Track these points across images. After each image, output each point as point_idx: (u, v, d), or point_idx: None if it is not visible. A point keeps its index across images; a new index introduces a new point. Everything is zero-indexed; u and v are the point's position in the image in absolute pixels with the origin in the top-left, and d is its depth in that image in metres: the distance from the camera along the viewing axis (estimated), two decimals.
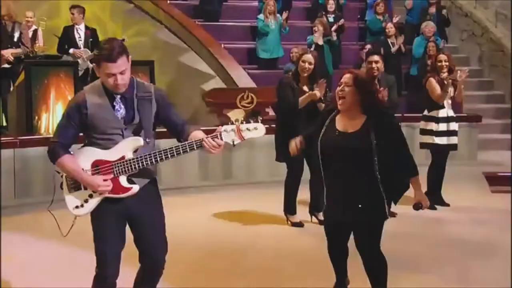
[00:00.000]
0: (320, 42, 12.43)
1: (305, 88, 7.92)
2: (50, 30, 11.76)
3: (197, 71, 12.26)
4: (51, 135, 9.44)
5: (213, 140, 4.04)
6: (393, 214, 8.38)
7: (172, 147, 4.11)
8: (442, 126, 8.70)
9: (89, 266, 5.88)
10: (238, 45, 13.99)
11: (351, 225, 5.25)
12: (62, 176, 4.25)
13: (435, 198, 8.94)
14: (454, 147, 8.94)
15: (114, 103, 4.15)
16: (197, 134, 4.21)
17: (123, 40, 10.65)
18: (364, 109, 5.05)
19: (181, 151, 4.13)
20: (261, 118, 4.14)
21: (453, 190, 9.39)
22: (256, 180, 9.54)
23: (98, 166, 4.16)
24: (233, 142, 4.08)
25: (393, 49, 12.80)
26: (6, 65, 10.50)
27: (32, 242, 7.60)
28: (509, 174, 10.55)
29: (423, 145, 9.00)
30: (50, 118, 10.19)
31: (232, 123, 4.06)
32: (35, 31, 11.16)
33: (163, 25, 13.48)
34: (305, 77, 7.92)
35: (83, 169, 4.13)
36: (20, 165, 9.29)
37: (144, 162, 4.12)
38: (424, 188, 8.88)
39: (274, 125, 8.24)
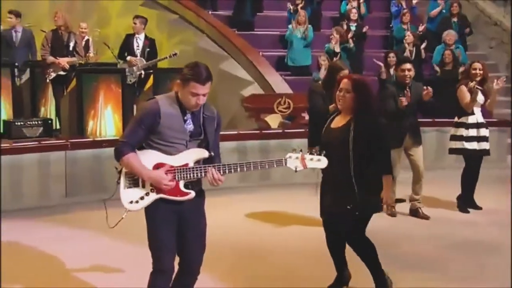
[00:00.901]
0: (337, 49, 12.33)
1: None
2: (100, 38, 11.70)
3: (236, 77, 12.18)
4: (100, 138, 9.84)
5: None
6: (426, 217, 8.31)
7: (237, 164, 4.31)
8: (472, 132, 8.42)
9: (136, 262, 5.96)
10: (269, 53, 13.81)
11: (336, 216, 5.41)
12: (119, 173, 4.29)
13: (468, 201, 8.77)
14: (485, 152, 8.61)
15: (185, 117, 4.23)
16: None
17: (176, 54, 10.94)
18: (355, 108, 5.25)
19: (245, 168, 4.31)
20: (324, 153, 4.39)
21: (485, 194, 9.01)
22: (291, 182, 9.31)
23: (159, 168, 4.20)
24: (296, 168, 4.33)
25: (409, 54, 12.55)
26: (61, 72, 10.56)
27: (82, 238, 7.48)
28: None
29: (452, 151, 8.74)
30: (99, 122, 10.12)
31: (297, 152, 4.35)
32: (87, 41, 11.13)
33: (205, 34, 13.45)
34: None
35: None
36: (71, 166, 9.20)
37: (203, 173, 4.23)
38: (458, 191, 8.84)
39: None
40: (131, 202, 4.22)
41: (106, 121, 10.12)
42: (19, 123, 9.98)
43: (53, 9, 11.50)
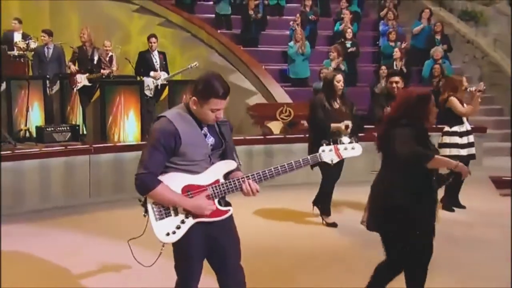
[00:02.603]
0: (334, 66, 11.86)
1: (336, 104, 7.39)
2: (122, 54, 11.38)
3: (242, 88, 11.82)
4: (121, 142, 9.46)
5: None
6: None
7: (271, 169, 3.56)
8: (464, 139, 8.13)
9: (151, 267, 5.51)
10: (272, 67, 13.43)
11: None
12: (143, 205, 3.52)
13: (453, 201, 8.46)
14: (473, 156, 8.33)
15: (203, 131, 3.52)
16: (238, 173, 3.65)
17: (196, 64, 10.65)
18: None
19: (281, 172, 3.55)
20: (356, 139, 3.69)
21: (467, 194, 8.65)
22: (294, 183, 8.91)
23: (189, 191, 3.46)
24: (331, 161, 3.63)
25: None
26: (87, 83, 10.31)
27: (104, 236, 7.01)
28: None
29: (448, 158, 8.22)
30: (120, 129, 9.80)
31: (329, 144, 3.63)
32: (111, 57, 10.81)
33: (214, 50, 13.16)
34: (338, 95, 7.41)
35: None
36: (94, 168, 8.89)
37: (238, 185, 3.53)
38: (442, 192, 8.45)
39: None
40: (168, 234, 3.43)
41: (126, 127, 9.80)
42: (50, 129, 9.67)
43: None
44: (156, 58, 10.61)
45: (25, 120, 9.89)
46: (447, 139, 8.22)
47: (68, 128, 9.84)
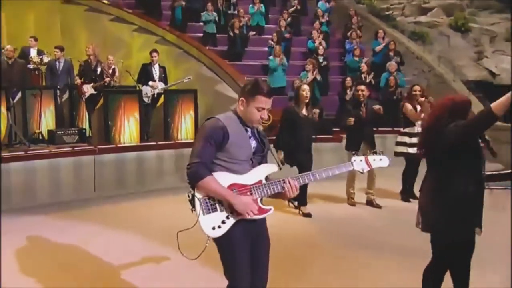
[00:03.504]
0: (311, 77, 11.61)
1: (304, 111, 7.23)
2: (123, 67, 11.01)
3: (228, 96, 11.46)
4: (122, 144, 9.13)
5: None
6: (378, 206, 7.75)
7: (309, 173, 3.29)
8: (414, 140, 7.84)
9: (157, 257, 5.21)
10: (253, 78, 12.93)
11: None
12: (191, 201, 3.14)
13: (409, 193, 8.23)
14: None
15: (248, 134, 3.22)
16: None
17: (190, 78, 10.40)
18: None
19: (318, 176, 3.27)
20: (381, 151, 3.51)
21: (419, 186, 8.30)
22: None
23: (234, 189, 3.12)
24: (362, 170, 3.41)
25: (368, 80, 11.96)
26: (93, 92, 9.98)
27: (108, 230, 6.68)
28: None
29: (397, 154, 8.05)
30: (121, 132, 9.45)
31: (360, 155, 3.44)
32: (114, 69, 10.51)
33: (203, 63, 12.82)
34: (305, 103, 7.23)
35: None
36: (99, 167, 8.58)
37: (280, 187, 3.19)
38: (399, 185, 8.29)
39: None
40: (214, 228, 3.08)
41: (127, 131, 9.47)
42: (60, 132, 9.34)
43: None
44: (156, 71, 10.28)
45: (38, 124, 9.56)
46: (399, 138, 8.10)
47: (76, 131, 9.50)
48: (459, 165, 3.61)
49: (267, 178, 3.25)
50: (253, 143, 3.22)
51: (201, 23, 13.89)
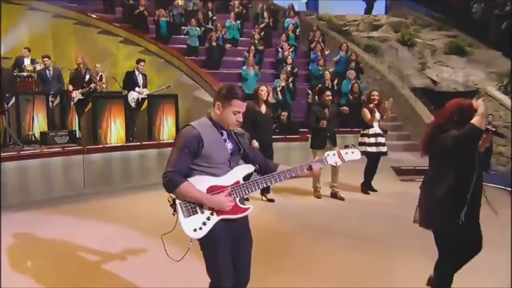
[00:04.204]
0: (284, 84, 11.50)
1: (262, 109, 7.16)
2: (110, 74, 10.64)
3: (205, 101, 11.09)
4: (109, 144, 8.68)
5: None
6: (342, 198, 7.59)
7: (285, 171, 3.00)
8: (372, 139, 7.76)
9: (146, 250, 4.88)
10: None
11: None
12: (172, 205, 2.90)
13: (368, 186, 8.13)
14: (383, 153, 7.95)
15: (223, 137, 2.95)
16: (284, 166, 3.10)
17: (169, 86, 10.11)
18: None
19: (288, 176, 2.99)
20: (353, 144, 3.25)
21: (376, 180, 8.31)
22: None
23: (213, 192, 2.87)
24: (336, 163, 3.13)
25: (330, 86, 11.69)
26: (81, 97, 9.57)
27: (96, 226, 6.30)
28: (408, 167, 9.89)
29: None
30: (108, 133, 9.01)
31: (333, 150, 3.22)
32: (101, 76, 10.12)
33: (183, 72, 12.46)
34: (262, 101, 7.18)
35: None
36: (87, 165, 8.14)
37: (257, 186, 2.95)
38: (361, 180, 8.13)
39: None
40: (195, 230, 2.82)
41: (113, 132, 9.05)
42: (52, 134, 8.83)
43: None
44: (140, 78, 9.87)
45: (31, 126, 9.10)
46: (360, 139, 7.94)
47: (66, 133, 9.00)
48: (452, 165, 3.38)
49: (246, 177, 2.99)
50: (230, 145, 2.95)
51: (183, 36, 13.59)
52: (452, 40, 15.99)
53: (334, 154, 3.11)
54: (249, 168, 3.02)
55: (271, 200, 7.28)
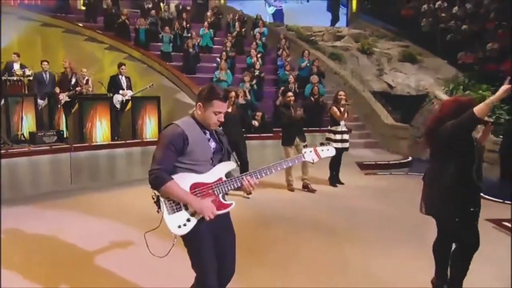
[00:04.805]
0: (248, 86, 11.26)
1: (229, 109, 6.86)
2: (96, 79, 10.13)
3: (185, 103, 10.79)
4: (95, 143, 8.18)
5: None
6: (313, 190, 7.37)
7: (266, 168, 2.79)
8: (338, 136, 7.59)
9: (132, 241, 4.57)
10: None
11: None
12: (156, 202, 2.65)
13: (335, 180, 7.97)
14: (346, 149, 7.80)
15: (207, 136, 2.72)
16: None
17: (152, 85, 9.63)
18: None
19: (268, 172, 2.79)
20: (328, 142, 3.28)
21: (342, 174, 8.18)
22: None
23: (197, 188, 2.64)
24: (313, 160, 2.95)
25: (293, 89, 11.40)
26: (67, 99, 9.10)
27: (83, 219, 5.94)
28: (371, 162, 9.80)
29: None
30: (93, 132, 8.51)
31: (310, 147, 2.99)
32: (87, 80, 9.59)
33: (164, 76, 12.05)
34: (231, 102, 7.04)
35: None
36: (74, 162, 7.70)
37: (239, 182, 2.74)
38: (327, 173, 7.95)
39: None
40: (179, 226, 2.60)
41: (99, 132, 8.57)
42: (40, 133, 8.31)
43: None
44: (123, 81, 9.47)
45: (20, 126, 8.54)
46: (327, 135, 7.79)
47: (54, 132, 8.48)
48: (454, 157, 3.21)
49: (228, 174, 2.77)
50: (213, 144, 2.74)
51: (161, 43, 13.16)
52: (405, 50, 16.04)
53: (311, 151, 2.95)
54: (231, 165, 2.80)
55: (249, 194, 6.92)
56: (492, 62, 13.64)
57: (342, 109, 7.56)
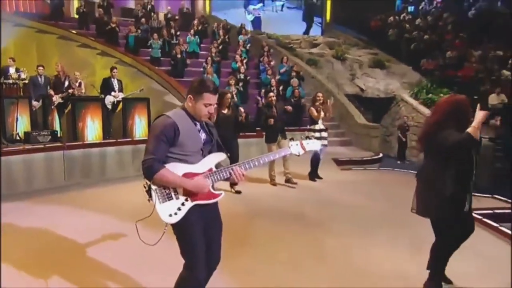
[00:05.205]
0: (234, 89, 11.07)
1: (225, 111, 6.54)
2: (88, 82, 9.87)
3: (174, 104, 10.43)
4: (88, 141, 7.85)
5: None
6: (294, 184, 7.21)
7: (254, 159, 2.61)
8: (317, 134, 7.40)
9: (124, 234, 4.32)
10: None
11: None
12: (147, 191, 2.46)
13: (314, 175, 7.82)
14: (325, 146, 7.62)
15: (197, 127, 2.54)
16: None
17: (142, 89, 9.34)
18: None
19: (256, 163, 2.61)
20: (312, 135, 3.08)
21: (321, 169, 8.02)
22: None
23: (188, 178, 2.46)
24: (298, 153, 2.78)
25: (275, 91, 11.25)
26: (60, 101, 8.68)
27: (76, 213, 5.64)
28: (346, 159, 9.70)
29: None
30: (85, 132, 8.17)
31: (296, 140, 2.83)
32: (80, 83, 9.22)
33: (154, 79, 11.75)
34: (226, 105, 6.53)
35: None
36: (67, 160, 7.34)
37: (228, 173, 2.54)
38: (308, 169, 7.80)
39: None
40: (170, 215, 2.42)
41: (90, 131, 8.23)
42: (35, 133, 7.97)
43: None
44: (115, 83, 9.16)
45: (15, 127, 8.16)
46: (306, 133, 7.55)
47: (48, 132, 8.16)
48: (451, 160, 3.02)
49: (217, 165, 2.59)
50: (203, 135, 2.55)
51: (150, 49, 12.85)
52: (374, 57, 16.06)
53: (297, 145, 2.79)
54: (221, 156, 2.62)
55: (239, 192, 6.62)
56: (451, 69, 14.05)
57: (319, 109, 7.43)
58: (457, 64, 14.03)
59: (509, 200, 6.09)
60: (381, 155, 10.53)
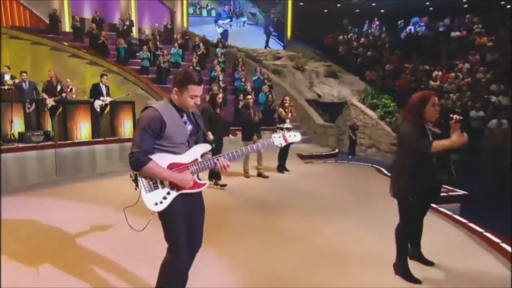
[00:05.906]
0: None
1: (217, 110, 6.14)
2: (79, 88, 9.35)
3: None
4: (78, 140, 7.40)
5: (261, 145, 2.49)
6: (266, 176, 6.97)
7: (238, 150, 2.35)
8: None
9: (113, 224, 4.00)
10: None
11: None
12: (134, 180, 2.18)
13: (282, 167, 7.59)
14: (291, 143, 7.27)
15: (183, 119, 2.25)
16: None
17: (128, 94, 8.85)
18: None
19: (240, 154, 2.35)
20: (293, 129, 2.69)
21: (288, 163, 7.81)
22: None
23: (174, 168, 2.20)
24: (281, 144, 2.52)
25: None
26: (53, 104, 8.10)
27: (68, 206, 5.19)
28: (308, 154, 9.58)
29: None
30: (76, 131, 7.62)
31: (278, 132, 2.55)
32: (72, 88, 8.71)
33: (138, 86, 11.24)
34: (217, 105, 6.13)
35: None
36: (59, 157, 6.81)
37: (213, 163, 2.27)
38: (276, 163, 7.59)
39: None
40: (156, 204, 2.16)
41: (81, 131, 7.67)
42: (29, 134, 7.34)
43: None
44: (104, 89, 8.64)
45: (10, 128, 7.48)
46: (275, 132, 7.33)
47: (41, 132, 7.50)
48: (414, 153, 2.86)
49: (203, 155, 2.30)
50: (189, 127, 2.26)
51: (138, 60, 12.35)
52: (328, 68, 16.15)
53: (279, 137, 2.53)
54: (206, 147, 2.33)
55: (224, 186, 6.12)
56: (389, 79, 14.67)
57: (286, 110, 7.25)
58: (394, 75, 14.77)
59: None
60: (337, 150, 10.55)
